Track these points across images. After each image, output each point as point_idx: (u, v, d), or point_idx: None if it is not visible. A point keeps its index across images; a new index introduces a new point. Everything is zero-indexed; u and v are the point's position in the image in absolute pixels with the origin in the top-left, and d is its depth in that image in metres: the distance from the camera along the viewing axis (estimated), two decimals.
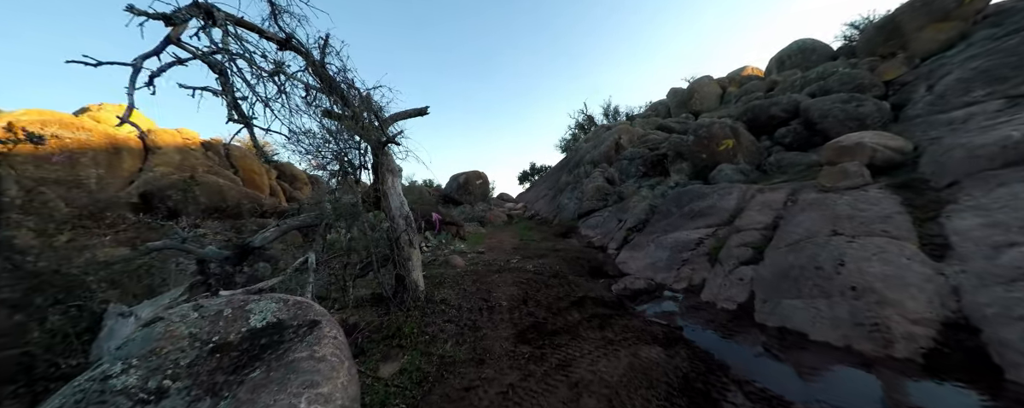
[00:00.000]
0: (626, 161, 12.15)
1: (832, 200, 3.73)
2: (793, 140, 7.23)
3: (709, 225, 5.18)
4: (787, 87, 11.01)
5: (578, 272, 5.38)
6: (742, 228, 4.44)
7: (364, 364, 2.61)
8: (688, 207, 6.02)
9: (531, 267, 5.50)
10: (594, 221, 9.03)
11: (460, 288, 4.46)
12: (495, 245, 8.36)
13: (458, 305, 3.83)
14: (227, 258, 3.57)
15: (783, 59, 17.70)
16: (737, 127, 7.39)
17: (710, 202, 5.71)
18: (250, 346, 1.65)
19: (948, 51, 9.15)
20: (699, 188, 6.32)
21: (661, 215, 6.54)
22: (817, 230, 3.44)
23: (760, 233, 4.18)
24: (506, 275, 4.98)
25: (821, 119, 6.69)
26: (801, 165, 5.98)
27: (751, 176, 6.67)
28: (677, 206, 6.32)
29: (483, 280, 4.79)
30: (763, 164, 7.00)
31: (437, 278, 4.96)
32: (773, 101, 8.33)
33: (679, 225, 5.71)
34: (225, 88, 2.15)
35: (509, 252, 7.12)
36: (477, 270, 5.51)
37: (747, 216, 4.66)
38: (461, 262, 6.23)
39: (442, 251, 7.28)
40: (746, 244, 4.07)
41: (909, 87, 7.09)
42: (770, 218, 4.41)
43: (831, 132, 6.53)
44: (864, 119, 6.20)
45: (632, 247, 5.99)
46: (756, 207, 4.80)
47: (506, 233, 10.54)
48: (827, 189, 4.40)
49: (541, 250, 6.93)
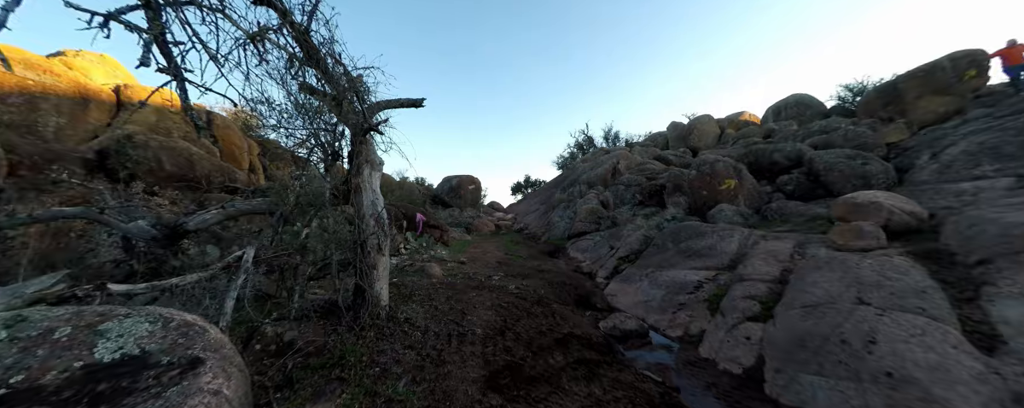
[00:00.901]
0: (622, 187, 11.83)
1: (853, 262, 3.33)
2: (796, 189, 6.98)
3: (708, 267, 4.75)
4: (787, 136, 10.95)
5: (564, 300, 4.84)
6: (746, 277, 4.01)
7: (286, 403, 1.99)
8: (685, 244, 5.61)
9: (514, 288, 4.93)
10: (584, 244, 8.56)
11: (431, 305, 3.85)
12: (478, 256, 7.77)
13: (424, 327, 3.23)
14: (154, 238, 2.90)
15: (780, 109, 18.07)
16: (741, 168, 7.11)
17: (709, 242, 5.30)
18: (73, 397, 1.04)
19: (945, 123, 9.24)
20: (697, 225, 5.93)
21: (656, 248, 6.11)
22: (838, 294, 3.01)
23: (767, 286, 3.75)
24: (485, 294, 4.40)
25: (826, 172, 6.45)
26: (805, 216, 5.67)
27: (750, 220, 6.33)
28: (674, 241, 5.90)
29: (459, 297, 4.20)
30: (763, 209, 6.69)
31: (408, 288, 4.34)
32: (775, 147, 8.14)
33: (675, 262, 5.27)
34: (152, 23, 1.60)
35: (492, 266, 6.54)
36: (454, 283, 4.91)
37: (751, 264, 4.24)
38: (439, 271, 5.62)
39: (421, 256, 6.65)
40: (752, 297, 3.63)
41: (912, 153, 6.97)
42: (777, 270, 3.99)
43: (835, 186, 6.29)
44: (870, 178, 5.97)
45: (623, 279, 5.50)
46: (760, 255, 4.39)
47: (492, 244, 9.96)
48: (840, 247, 4.03)
49: (526, 269, 6.39)
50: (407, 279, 4.93)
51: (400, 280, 4.80)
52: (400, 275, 5.28)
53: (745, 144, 11.78)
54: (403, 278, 5.01)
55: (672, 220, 7.23)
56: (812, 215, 5.61)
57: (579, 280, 6.00)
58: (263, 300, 3.32)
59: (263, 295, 3.41)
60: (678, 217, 7.24)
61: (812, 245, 4.32)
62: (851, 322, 2.66)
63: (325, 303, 3.07)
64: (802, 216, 5.70)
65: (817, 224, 5.23)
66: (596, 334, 3.73)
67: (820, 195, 6.64)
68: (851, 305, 2.83)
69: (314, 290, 3.92)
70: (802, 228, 5.18)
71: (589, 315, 4.52)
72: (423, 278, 5.15)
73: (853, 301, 2.88)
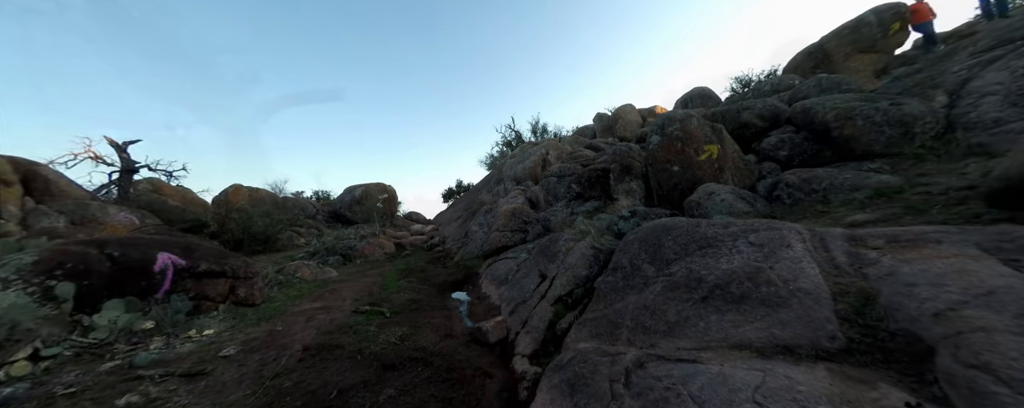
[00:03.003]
0: (554, 179, 8.91)
1: None
2: (792, 154, 4.61)
3: (787, 345, 1.72)
4: (734, 100, 9.22)
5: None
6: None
7: None
8: (684, 267, 2.60)
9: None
10: (503, 268, 5.26)
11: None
12: (313, 314, 3.95)
13: None
14: None
15: (686, 101, 17.68)
16: (720, 129, 4.52)
17: (736, 261, 2.35)
18: None
19: (878, 81, 8.22)
20: (688, 224, 3.00)
21: (622, 276, 3.04)
22: None
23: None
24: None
25: (839, 124, 4.13)
26: (860, 189, 3.09)
27: (758, 206, 3.67)
28: (655, 260, 2.89)
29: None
30: (760, 188, 4.12)
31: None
32: (744, 105, 5.86)
33: (681, 319, 2.20)
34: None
35: (312, 350, 2.81)
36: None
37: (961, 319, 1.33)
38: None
39: (143, 351, 2.61)
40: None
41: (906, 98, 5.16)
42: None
43: (859, 142, 3.97)
44: (911, 125, 3.74)
45: (569, 372, 2.24)
46: (928, 290, 1.53)
47: (364, 281, 6.08)
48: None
49: (385, 344, 2.80)
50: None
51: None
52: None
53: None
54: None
55: (633, 218, 4.32)
56: (874, 186, 3.06)
57: (478, 374, 2.61)
58: None
59: None
60: (641, 212, 4.36)
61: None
62: None
63: None
64: (856, 190, 3.12)
65: (891, 200, 2.66)
66: None
67: (830, 158, 4.32)
68: None
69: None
70: (888, 210, 2.54)
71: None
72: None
73: None
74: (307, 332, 3.44)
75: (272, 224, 11.05)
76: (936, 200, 2.47)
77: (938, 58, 7.08)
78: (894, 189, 2.91)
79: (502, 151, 23.18)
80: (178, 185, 12.81)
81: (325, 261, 8.17)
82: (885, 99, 4.10)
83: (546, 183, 9.02)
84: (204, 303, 3.97)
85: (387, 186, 18.61)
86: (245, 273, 4.45)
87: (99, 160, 11.41)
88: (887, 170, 3.59)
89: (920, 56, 8.24)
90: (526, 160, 12.44)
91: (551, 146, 13.24)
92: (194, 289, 3.95)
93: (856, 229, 2.33)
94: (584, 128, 22.82)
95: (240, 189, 16.17)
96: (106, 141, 10.45)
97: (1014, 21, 6.80)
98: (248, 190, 16.45)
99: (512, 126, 21.84)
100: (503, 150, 23.08)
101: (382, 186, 18.33)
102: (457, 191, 27.36)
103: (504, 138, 22.22)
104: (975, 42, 6.48)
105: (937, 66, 6.29)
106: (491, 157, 22.44)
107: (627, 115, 19.43)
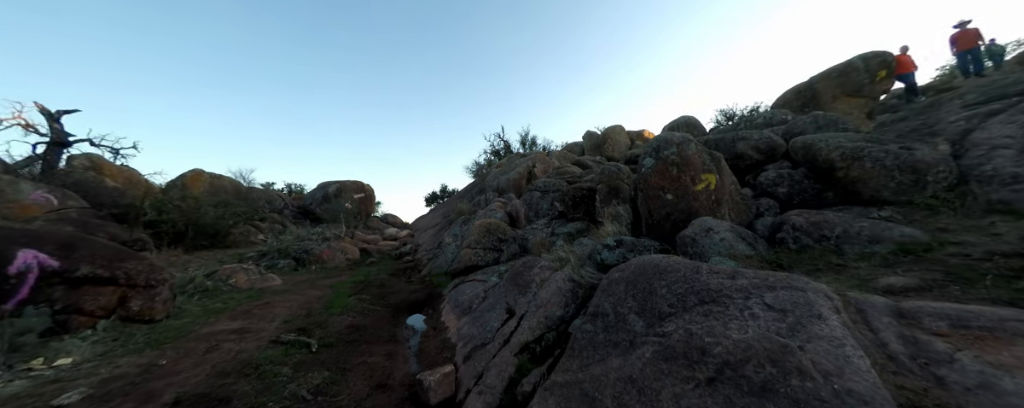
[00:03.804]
0: (538, 193, 8.38)
1: None
2: (792, 192, 4.23)
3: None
4: (726, 130, 9.05)
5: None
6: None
7: None
8: (680, 326, 2.04)
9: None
10: (470, 292, 4.58)
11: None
12: (215, 342, 3.11)
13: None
14: None
15: (674, 128, 17.96)
16: (719, 157, 4.10)
17: (758, 334, 1.79)
18: None
19: (871, 122, 8.24)
20: (690, 270, 2.46)
21: (603, 326, 2.46)
22: None
23: None
24: None
25: (846, 163, 3.78)
26: (885, 244, 2.65)
27: (760, 250, 3.20)
28: (644, 311, 2.32)
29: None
30: (771, 230, 3.68)
31: None
32: (739, 136, 5.55)
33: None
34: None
35: (186, 406, 2.01)
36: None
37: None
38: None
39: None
40: None
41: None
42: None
43: (867, 185, 3.61)
44: (923, 172, 3.41)
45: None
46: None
47: (308, 294, 5.22)
48: None
49: (292, 400, 2.04)
50: None
51: None
52: None
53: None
54: None
55: (619, 248, 3.77)
56: (897, 240, 2.63)
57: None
58: None
59: None
60: (628, 242, 3.82)
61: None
62: None
63: None
64: (876, 242, 2.68)
65: (956, 265, 2.21)
66: None
67: (832, 200, 3.96)
68: None
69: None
70: (925, 274, 2.07)
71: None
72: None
73: None
74: (197, 371, 2.63)
75: (224, 216, 9.92)
76: (982, 267, 2.02)
77: (921, 108, 7.10)
78: (922, 246, 2.48)
79: (489, 160, 22.64)
80: (123, 165, 11.45)
81: (273, 264, 7.22)
82: (893, 142, 3.79)
83: (529, 197, 8.47)
84: (76, 318, 3.08)
85: (364, 185, 17.60)
86: (146, 280, 3.57)
87: (31, 129, 10.01)
88: (899, 219, 3.22)
89: (902, 105, 8.36)
90: (511, 171, 11.90)
91: (538, 159, 12.79)
92: (64, 299, 3.06)
93: (899, 299, 1.84)
94: (573, 144, 22.70)
95: (201, 175, 14.81)
96: (36, 108, 9.14)
97: (996, 79, 6.95)
98: (210, 176, 15.10)
99: (501, 135, 21.38)
100: (491, 159, 22.54)
101: (359, 184, 17.31)
102: (441, 196, 26.47)
103: (493, 147, 21.71)
104: (960, 95, 6.50)
105: (923, 115, 6.23)
106: (477, 165, 21.81)
107: (616, 136, 19.46)
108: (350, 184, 16.84)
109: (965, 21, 8.42)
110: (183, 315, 3.97)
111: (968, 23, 8.36)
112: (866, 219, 3.00)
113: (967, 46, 8.34)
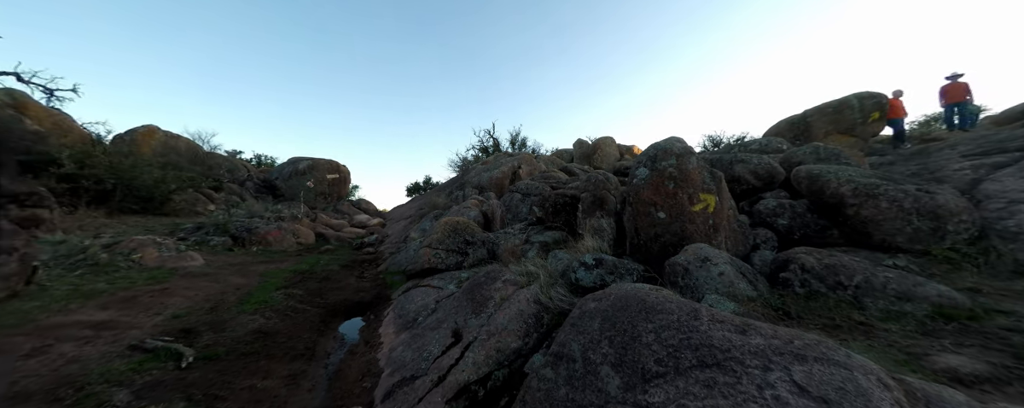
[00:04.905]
0: (519, 195, 7.74)
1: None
2: (793, 225, 3.78)
3: None
4: (724, 152, 8.76)
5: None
6: None
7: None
8: (671, 395, 1.43)
9: None
10: (421, 300, 3.86)
11: None
12: (51, 340, 2.24)
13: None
14: None
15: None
16: (719, 176, 3.58)
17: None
18: None
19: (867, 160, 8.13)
20: (686, 313, 1.87)
21: (566, 376, 1.82)
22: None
23: None
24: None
25: (858, 200, 3.35)
26: (917, 303, 2.16)
27: (761, 290, 2.67)
28: (622, 364, 1.69)
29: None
30: (774, 267, 3.19)
31: None
32: (738, 157, 5.12)
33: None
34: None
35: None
36: None
37: None
38: None
39: None
40: None
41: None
42: None
43: (880, 227, 3.18)
44: (944, 219, 3.00)
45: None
46: None
47: (228, 282, 4.33)
48: None
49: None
50: None
51: None
52: None
53: None
54: None
55: (597, 268, 3.17)
56: (933, 300, 2.14)
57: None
58: None
59: None
60: (609, 262, 3.22)
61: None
62: None
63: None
64: (906, 300, 2.18)
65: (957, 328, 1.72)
66: None
67: (837, 239, 3.53)
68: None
69: None
70: (990, 355, 1.56)
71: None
72: None
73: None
74: (129, 323, 1.79)
75: (165, 180, 8.71)
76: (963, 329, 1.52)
77: (909, 154, 7.00)
78: (964, 311, 1.99)
79: (477, 156, 21.87)
80: (55, 108, 9.94)
81: (204, 241, 6.21)
82: (909, 183, 3.40)
83: (509, 198, 7.82)
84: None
85: (340, 165, 16.44)
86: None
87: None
88: (915, 270, 2.78)
89: (889, 150, 8.32)
90: (495, 169, 11.23)
91: (525, 160, 12.19)
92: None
93: (975, 394, 1.30)
94: (562, 151, 22.30)
95: (154, 132, 13.27)
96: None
97: (984, 133, 6.93)
98: (165, 135, 13.57)
99: (491, 132, 20.66)
100: (478, 155, 21.77)
101: (334, 164, 16.14)
102: (424, 187, 25.45)
103: (481, 142, 20.95)
104: (950, 145, 6.38)
105: (912, 162, 6.06)
106: (463, 159, 20.95)
107: (607, 147, 19.19)
108: (324, 163, 15.66)
109: (957, 74, 8.47)
110: (40, 296, 3.05)
111: (960, 76, 8.42)
112: (893, 271, 2.52)
113: (956, 99, 8.39)
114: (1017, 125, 8.17)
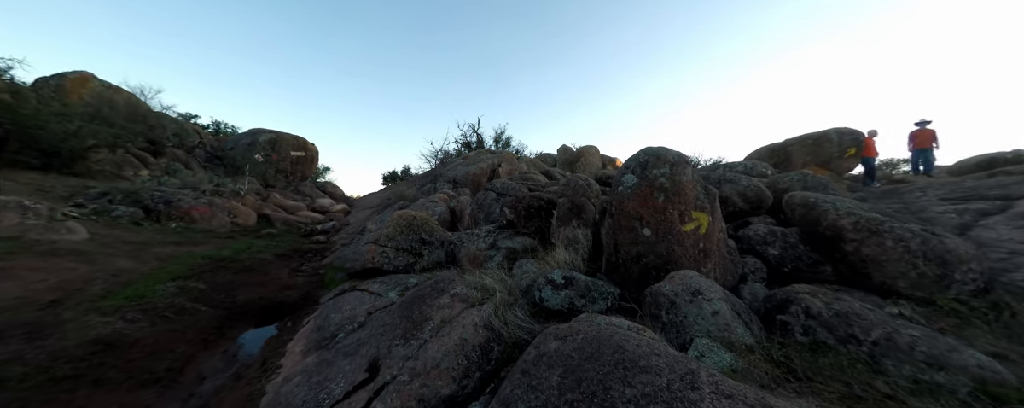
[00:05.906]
0: (494, 194, 7.10)
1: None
2: (784, 255, 3.39)
3: None
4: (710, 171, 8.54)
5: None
6: None
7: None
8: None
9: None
10: (350, 309, 3.12)
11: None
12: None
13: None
14: None
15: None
16: (714, 194, 3.12)
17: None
18: None
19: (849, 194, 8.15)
20: (679, 376, 1.30)
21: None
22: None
23: None
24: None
25: (860, 236, 2.99)
26: (952, 374, 1.73)
27: (757, 336, 2.19)
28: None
29: None
30: (769, 307, 2.74)
31: None
32: (727, 177, 4.76)
33: None
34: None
35: None
36: None
37: None
38: None
39: None
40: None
41: None
42: None
43: (882, 270, 2.82)
44: (951, 266, 2.67)
45: None
46: None
47: (103, 266, 3.37)
48: None
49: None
50: None
51: None
52: None
53: None
54: None
55: (566, 289, 2.59)
56: (972, 371, 1.72)
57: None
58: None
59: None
60: (580, 283, 2.66)
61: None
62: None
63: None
64: (937, 368, 1.76)
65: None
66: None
67: (830, 276, 3.16)
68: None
69: None
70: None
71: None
72: None
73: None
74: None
75: (79, 134, 7.34)
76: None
77: (881, 193, 7.05)
78: (1013, 391, 1.57)
79: (459, 150, 21.01)
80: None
81: (105, 210, 5.10)
82: (913, 222, 3.09)
83: (483, 197, 7.16)
84: None
85: (308, 143, 15.10)
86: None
87: None
88: (920, 321, 2.41)
89: (859, 187, 8.44)
90: (473, 165, 10.54)
91: (507, 159, 11.58)
92: None
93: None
94: (546, 155, 21.94)
95: (88, 80, 11.47)
96: None
97: (958, 181, 7.06)
98: (102, 86, 11.78)
99: (476, 128, 19.91)
100: (460, 149, 20.92)
101: (301, 141, 14.79)
102: (401, 176, 24.26)
103: (464, 137, 20.14)
104: (920, 188, 6.41)
105: (884, 201, 6.02)
106: (443, 152, 20.02)
107: (590, 156, 18.95)
108: (289, 137, 14.29)
109: (925, 121, 8.74)
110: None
111: (928, 123, 8.68)
112: (918, 328, 2.10)
113: (923, 145, 8.64)
114: (978, 176, 8.51)
